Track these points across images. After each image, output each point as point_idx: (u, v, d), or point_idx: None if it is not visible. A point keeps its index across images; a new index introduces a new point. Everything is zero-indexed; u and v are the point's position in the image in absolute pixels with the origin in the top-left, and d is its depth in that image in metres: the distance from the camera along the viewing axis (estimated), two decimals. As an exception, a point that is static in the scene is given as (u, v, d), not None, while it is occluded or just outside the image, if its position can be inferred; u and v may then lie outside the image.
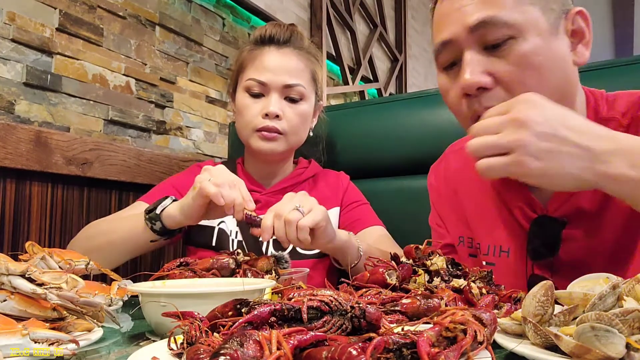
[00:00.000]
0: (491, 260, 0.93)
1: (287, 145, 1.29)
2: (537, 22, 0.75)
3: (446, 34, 0.79)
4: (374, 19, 3.34)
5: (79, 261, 0.85)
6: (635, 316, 0.50)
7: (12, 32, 1.32)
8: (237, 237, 1.28)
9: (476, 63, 0.76)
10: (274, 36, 1.29)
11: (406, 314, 0.64)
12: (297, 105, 1.28)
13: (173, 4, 1.81)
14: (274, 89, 1.25)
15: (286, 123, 1.26)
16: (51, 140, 1.32)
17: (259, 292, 0.72)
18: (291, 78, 1.26)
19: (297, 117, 1.27)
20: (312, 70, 1.32)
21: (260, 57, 1.28)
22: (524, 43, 0.74)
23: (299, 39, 1.32)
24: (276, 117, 1.24)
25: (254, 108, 1.26)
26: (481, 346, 0.47)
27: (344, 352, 0.40)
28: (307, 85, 1.29)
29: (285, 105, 1.26)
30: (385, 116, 1.51)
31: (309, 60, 1.32)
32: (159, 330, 0.70)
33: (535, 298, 0.56)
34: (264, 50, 1.29)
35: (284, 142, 1.27)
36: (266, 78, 1.25)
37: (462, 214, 1.01)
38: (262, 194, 1.32)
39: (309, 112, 1.31)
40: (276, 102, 1.25)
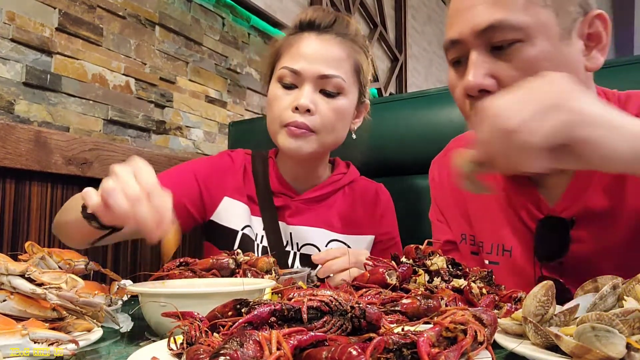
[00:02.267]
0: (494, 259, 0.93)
1: (319, 145, 1.13)
2: (547, 26, 0.73)
3: (455, 33, 0.78)
4: (374, 18, 3.34)
5: (78, 261, 0.85)
6: (635, 316, 0.50)
7: (11, 32, 1.32)
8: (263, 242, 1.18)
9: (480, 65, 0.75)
10: (314, 21, 1.15)
11: (406, 314, 0.64)
12: (334, 100, 1.12)
13: (173, 4, 1.81)
14: (307, 79, 1.10)
15: (319, 119, 1.10)
16: (51, 140, 1.32)
17: (258, 292, 0.72)
18: (328, 68, 1.10)
19: (331, 113, 1.11)
20: (355, 61, 1.16)
21: (298, 44, 1.13)
22: (530, 47, 0.73)
23: (344, 25, 1.17)
24: (307, 111, 1.09)
25: (284, 100, 1.12)
26: (481, 346, 0.47)
27: (344, 352, 0.40)
28: (347, 77, 1.13)
29: (320, 99, 1.11)
30: (385, 116, 1.51)
31: (353, 49, 1.16)
32: (159, 330, 0.70)
33: (536, 298, 0.56)
34: (302, 36, 1.14)
35: (315, 141, 1.12)
36: (300, 66, 1.10)
37: (464, 210, 1.00)
38: (294, 200, 1.20)
39: (347, 108, 1.15)
40: (308, 94, 1.10)
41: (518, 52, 0.73)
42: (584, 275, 0.68)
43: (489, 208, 0.94)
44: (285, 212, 1.20)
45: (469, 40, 0.76)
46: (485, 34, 0.74)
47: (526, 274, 0.87)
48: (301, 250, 1.18)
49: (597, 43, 0.77)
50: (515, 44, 0.73)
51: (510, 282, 0.83)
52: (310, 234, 1.19)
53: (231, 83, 2.07)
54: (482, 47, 0.75)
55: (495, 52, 0.75)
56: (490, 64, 0.75)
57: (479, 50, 0.75)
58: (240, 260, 0.93)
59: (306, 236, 1.19)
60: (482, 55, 0.75)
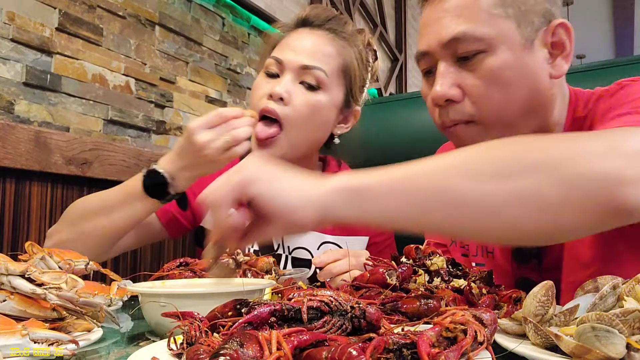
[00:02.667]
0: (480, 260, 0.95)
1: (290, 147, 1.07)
2: (509, 36, 0.75)
3: (423, 45, 0.81)
4: (374, 18, 3.34)
5: (78, 261, 0.85)
6: (635, 316, 0.50)
7: (11, 32, 1.32)
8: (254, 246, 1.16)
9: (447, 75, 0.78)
10: (308, 18, 1.14)
11: (406, 314, 0.64)
12: (311, 93, 1.07)
13: (173, 4, 1.81)
14: (289, 68, 1.07)
15: (291, 110, 1.05)
16: (51, 140, 1.32)
17: (258, 292, 0.72)
18: (311, 59, 1.07)
19: (306, 107, 1.06)
20: (345, 60, 1.12)
21: (289, 37, 1.12)
22: (493, 58, 0.75)
23: (340, 23, 1.15)
24: (280, 99, 1.04)
25: (263, 88, 1.08)
26: (481, 346, 0.47)
27: (344, 352, 0.40)
28: (331, 73, 1.09)
29: (298, 90, 1.06)
30: (385, 116, 1.51)
31: (344, 48, 1.12)
32: (159, 330, 0.70)
33: (536, 298, 0.56)
34: (296, 31, 1.13)
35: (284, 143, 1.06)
36: (283, 56, 1.08)
37: None
38: None
39: (325, 105, 1.09)
40: (286, 82, 1.06)
41: (481, 62, 0.76)
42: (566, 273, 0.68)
43: None
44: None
45: (436, 51, 0.79)
46: (450, 46, 0.77)
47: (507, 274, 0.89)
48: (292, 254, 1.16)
49: (561, 51, 0.79)
50: (479, 55, 0.76)
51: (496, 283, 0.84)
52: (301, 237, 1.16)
53: (231, 83, 2.07)
54: (449, 58, 0.78)
55: (460, 62, 0.78)
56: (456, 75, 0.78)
57: (446, 61, 0.78)
58: (240, 261, 0.93)
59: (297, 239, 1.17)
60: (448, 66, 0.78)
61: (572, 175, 0.53)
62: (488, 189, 0.54)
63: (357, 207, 0.56)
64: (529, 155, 0.56)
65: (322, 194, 0.56)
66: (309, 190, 0.57)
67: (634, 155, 0.54)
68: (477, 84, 0.76)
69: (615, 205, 0.52)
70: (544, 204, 0.53)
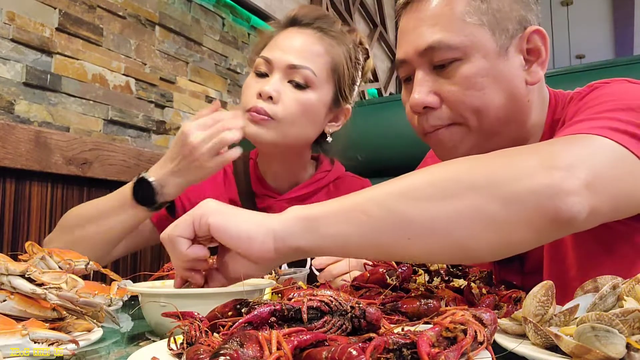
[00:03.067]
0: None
1: (280, 135, 1.09)
2: (483, 44, 0.76)
3: (401, 54, 0.82)
4: (373, 18, 3.34)
5: (78, 261, 0.85)
6: (635, 316, 0.50)
7: (11, 32, 1.32)
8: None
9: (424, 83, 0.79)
10: (297, 17, 1.15)
11: (406, 314, 0.64)
12: (300, 92, 1.09)
13: (173, 4, 1.81)
14: (277, 68, 1.09)
15: (281, 108, 1.07)
16: (51, 140, 1.32)
17: (258, 292, 0.72)
18: (299, 59, 1.08)
19: (295, 105, 1.08)
20: (334, 59, 1.13)
21: (277, 37, 1.13)
22: (468, 65, 0.76)
23: (329, 22, 1.16)
24: (269, 98, 1.06)
25: (253, 87, 1.10)
26: (481, 346, 0.47)
27: (344, 352, 0.40)
28: (320, 72, 1.10)
29: (287, 89, 1.08)
30: (385, 116, 1.51)
31: (332, 47, 1.13)
32: (159, 330, 0.70)
33: (536, 298, 0.56)
34: (284, 31, 1.14)
35: (275, 128, 1.07)
36: (272, 55, 1.09)
37: None
38: (277, 200, 1.19)
39: (315, 103, 1.11)
40: (274, 82, 1.07)
41: (457, 69, 0.77)
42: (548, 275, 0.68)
43: None
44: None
45: (414, 59, 0.80)
46: (426, 54, 0.78)
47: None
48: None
49: (536, 57, 0.80)
50: (454, 62, 0.77)
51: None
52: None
53: (231, 83, 2.07)
54: (426, 66, 0.79)
55: (437, 70, 0.79)
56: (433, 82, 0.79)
57: (423, 69, 0.79)
58: (240, 260, 0.92)
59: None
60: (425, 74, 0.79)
61: (512, 191, 0.55)
62: (431, 210, 0.56)
63: (311, 235, 0.59)
64: (470, 175, 0.58)
65: (277, 223, 0.59)
66: (264, 221, 0.60)
67: (570, 167, 0.56)
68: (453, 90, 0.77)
69: (555, 216, 0.55)
70: (488, 222, 0.55)
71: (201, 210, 0.62)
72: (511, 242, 0.57)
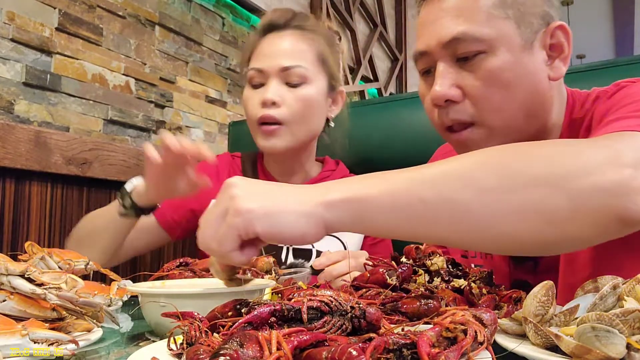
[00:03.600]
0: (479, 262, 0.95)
1: (293, 137, 1.17)
2: (509, 37, 0.75)
3: (422, 45, 0.81)
4: (374, 18, 3.34)
5: (78, 261, 0.85)
6: (635, 316, 0.50)
7: (11, 32, 1.32)
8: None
9: (446, 76, 0.77)
10: (273, 22, 1.21)
11: (406, 314, 0.64)
12: (298, 90, 1.15)
13: (173, 4, 1.81)
14: (271, 74, 1.15)
15: (286, 110, 1.14)
16: (50, 140, 1.32)
17: (258, 292, 0.72)
18: (288, 60, 1.15)
19: (298, 103, 1.15)
20: (318, 50, 1.20)
21: (261, 46, 1.19)
22: (493, 58, 0.75)
23: (302, 19, 1.22)
24: (273, 104, 1.13)
25: (254, 99, 1.17)
26: (481, 346, 0.47)
27: (344, 352, 0.40)
28: (310, 66, 1.17)
29: (286, 91, 1.15)
30: (385, 116, 1.51)
31: (314, 40, 1.20)
32: (159, 330, 0.70)
33: (536, 298, 0.56)
34: (265, 38, 1.20)
35: (287, 133, 1.15)
36: (262, 64, 1.16)
37: None
38: None
39: (314, 96, 1.18)
40: (273, 88, 1.14)
41: (481, 62, 0.75)
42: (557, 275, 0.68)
43: None
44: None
45: (436, 51, 0.78)
46: (450, 46, 0.77)
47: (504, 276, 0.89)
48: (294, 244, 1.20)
49: (559, 53, 0.79)
50: (479, 55, 0.75)
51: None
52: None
53: (231, 83, 2.07)
54: (448, 58, 0.78)
55: (460, 63, 0.77)
56: (456, 75, 0.77)
57: (445, 61, 0.78)
58: (240, 260, 0.92)
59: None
60: (448, 66, 0.78)
61: (579, 187, 0.53)
62: (493, 201, 0.53)
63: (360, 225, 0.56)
64: (534, 167, 0.55)
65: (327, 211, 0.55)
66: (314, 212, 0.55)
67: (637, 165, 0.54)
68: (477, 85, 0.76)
69: (622, 215, 0.53)
70: (550, 217, 0.53)
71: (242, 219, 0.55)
72: (569, 237, 0.55)
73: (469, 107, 0.77)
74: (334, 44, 1.26)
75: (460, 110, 0.78)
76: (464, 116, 0.78)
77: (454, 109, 0.78)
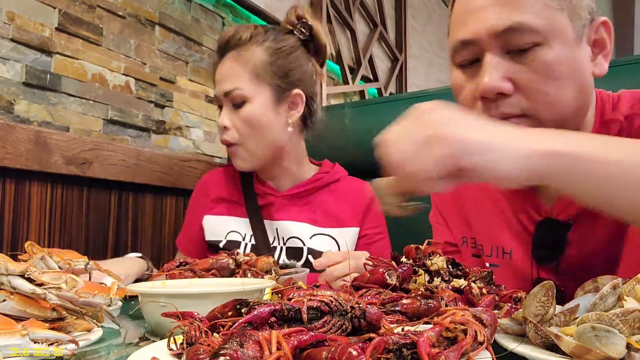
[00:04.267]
0: (494, 261, 0.94)
1: (251, 155, 1.25)
2: (563, 30, 0.73)
3: (467, 33, 0.76)
4: (374, 18, 3.34)
5: (78, 261, 0.85)
6: (635, 316, 0.50)
7: (11, 32, 1.32)
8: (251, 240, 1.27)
9: (497, 67, 0.73)
10: (219, 47, 1.29)
11: (406, 314, 0.64)
12: (241, 110, 1.23)
13: (172, 4, 1.81)
14: (220, 99, 1.26)
15: (235, 132, 1.23)
16: (50, 140, 1.32)
17: (258, 292, 0.72)
18: (225, 85, 1.24)
19: (241, 123, 1.23)
20: (254, 66, 1.22)
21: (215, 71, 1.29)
22: (549, 51, 0.72)
23: (236, 36, 1.25)
24: (225, 128, 1.24)
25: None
26: (481, 346, 0.47)
27: (344, 352, 0.40)
28: (247, 84, 1.22)
29: (233, 114, 1.24)
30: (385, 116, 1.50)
31: (241, 56, 1.24)
32: (159, 330, 0.70)
33: (536, 298, 0.56)
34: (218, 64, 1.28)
35: (244, 152, 1.24)
36: (215, 90, 1.27)
37: (464, 214, 1.00)
38: (277, 197, 1.30)
39: (258, 111, 1.22)
40: (224, 113, 1.25)
41: (536, 55, 0.72)
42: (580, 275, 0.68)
43: (488, 212, 0.95)
44: (271, 209, 1.29)
45: (485, 41, 0.74)
46: (503, 36, 0.73)
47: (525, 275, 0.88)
48: (287, 244, 1.25)
49: (601, 49, 0.78)
50: (534, 47, 0.72)
51: (510, 284, 0.83)
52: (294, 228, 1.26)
53: (231, 83, 2.07)
54: (498, 49, 0.74)
55: (511, 54, 0.73)
56: (507, 67, 0.73)
57: (495, 52, 0.74)
58: (240, 261, 0.93)
59: (291, 230, 1.26)
60: (498, 57, 0.74)
61: None
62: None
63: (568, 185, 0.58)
64: None
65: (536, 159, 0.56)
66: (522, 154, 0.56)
67: None
68: (532, 78, 0.72)
69: None
70: None
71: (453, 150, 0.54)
72: None
73: (521, 100, 0.74)
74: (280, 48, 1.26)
75: (512, 103, 0.74)
76: (515, 110, 0.74)
77: (505, 103, 0.74)
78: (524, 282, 0.87)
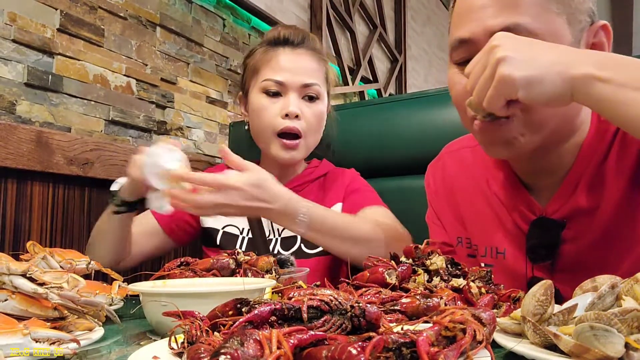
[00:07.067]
0: (489, 261, 0.94)
1: (307, 149, 1.30)
2: (561, 34, 0.73)
3: (465, 32, 0.77)
4: (373, 19, 3.34)
5: (79, 261, 0.86)
6: (634, 316, 0.50)
7: (13, 33, 1.32)
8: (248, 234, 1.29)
9: None
10: (288, 38, 1.29)
11: (406, 314, 0.64)
12: (314, 104, 1.28)
13: (174, 5, 1.81)
14: (292, 88, 1.25)
15: (305, 123, 1.25)
16: (52, 140, 1.33)
17: (259, 292, 0.72)
18: (309, 77, 1.26)
19: (314, 117, 1.27)
20: (325, 70, 1.33)
21: (276, 58, 1.27)
22: None
23: (312, 40, 1.33)
24: (296, 117, 1.24)
25: (272, 108, 1.25)
26: (480, 345, 0.47)
27: (343, 351, 0.40)
28: (321, 84, 1.30)
29: (304, 105, 1.26)
30: (385, 116, 1.51)
31: (322, 60, 1.33)
32: (160, 329, 0.70)
33: (535, 297, 0.56)
34: (278, 51, 1.28)
35: (304, 146, 1.27)
36: (284, 77, 1.25)
37: (459, 214, 1.01)
38: None
39: (324, 111, 1.31)
40: (295, 101, 1.24)
41: None
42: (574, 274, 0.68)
43: (482, 212, 0.95)
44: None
45: (481, 40, 0.74)
46: None
47: (519, 275, 0.88)
48: (282, 235, 1.29)
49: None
50: None
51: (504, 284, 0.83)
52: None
53: (232, 84, 2.07)
54: None
55: None
56: None
57: None
58: (240, 260, 0.93)
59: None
60: None
61: None
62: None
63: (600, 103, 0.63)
64: None
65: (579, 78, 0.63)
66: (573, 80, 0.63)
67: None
68: None
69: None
70: None
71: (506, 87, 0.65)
72: None
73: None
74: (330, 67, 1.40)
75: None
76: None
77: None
78: (517, 281, 0.87)
